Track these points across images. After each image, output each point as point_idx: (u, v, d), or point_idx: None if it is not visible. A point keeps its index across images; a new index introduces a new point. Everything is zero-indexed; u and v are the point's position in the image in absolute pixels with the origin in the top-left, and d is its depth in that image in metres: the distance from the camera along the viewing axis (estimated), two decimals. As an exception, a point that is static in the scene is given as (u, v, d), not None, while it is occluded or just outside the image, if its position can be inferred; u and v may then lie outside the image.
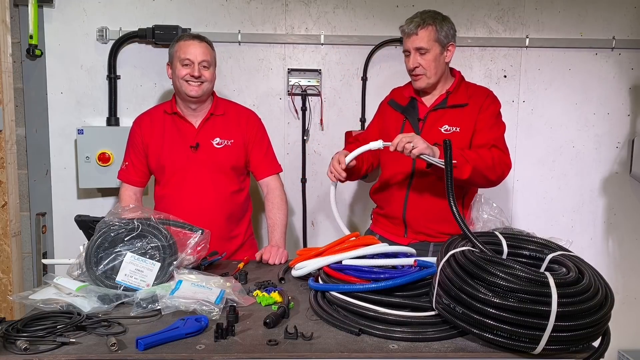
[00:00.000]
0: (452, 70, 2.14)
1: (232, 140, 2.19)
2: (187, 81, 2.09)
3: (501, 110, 2.09)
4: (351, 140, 2.03)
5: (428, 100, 2.11)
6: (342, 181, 2.02)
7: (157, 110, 2.26)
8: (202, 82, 2.10)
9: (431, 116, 2.07)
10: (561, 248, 1.46)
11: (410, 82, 2.15)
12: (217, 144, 2.17)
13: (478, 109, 2.03)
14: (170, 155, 2.16)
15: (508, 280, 1.19)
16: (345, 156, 1.96)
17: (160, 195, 2.23)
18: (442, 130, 2.03)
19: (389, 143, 1.84)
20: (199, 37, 2.14)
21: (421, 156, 1.79)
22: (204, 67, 2.10)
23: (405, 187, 2.09)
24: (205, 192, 2.15)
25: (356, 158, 1.99)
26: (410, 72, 2.06)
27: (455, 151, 1.85)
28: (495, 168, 1.93)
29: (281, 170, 2.33)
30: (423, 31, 1.98)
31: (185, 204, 2.14)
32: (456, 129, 2.03)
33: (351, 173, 2.08)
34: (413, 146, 1.77)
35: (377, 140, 1.89)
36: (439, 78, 2.06)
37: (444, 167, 1.82)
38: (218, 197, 2.17)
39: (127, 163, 2.25)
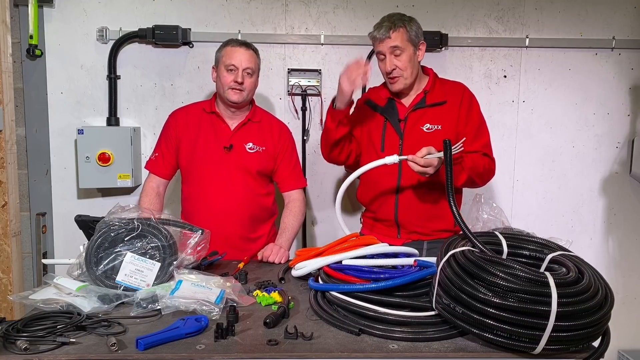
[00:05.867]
0: (424, 68, 2.16)
1: (264, 148, 2.24)
2: (230, 88, 2.13)
3: (481, 106, 2.14)
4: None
5: (406, 101, 2.13)
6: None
7: (195, 107, 2.31)
8: (243, 89, 2.15)
9: (411, 116, 2.09)
10: (561, 248, 1.46)
11: (383, 83, 2.18)
12: (250, 148, 2.22)
13: (458, 104, 2.07)
14: (204, 153, 2.21)
15: (508, 280, 1.19)
16: None
17: (188, 193, 2.27)
18: (424, 129, 2.06)
19: (405, 157, 1.85)
20: (245, 44, 2.19)
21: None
22: (248, 74, 2.15)
23: (394, 189, 2.10)
24: (233, 192, 2.20)
25: (348, 119, 2.07)
26: (388, 74, 2.07)
27: (454, 155, 1.86)
28: (484, 176, 2.03)
29: (306, 185, 2.39)
30: (395, 33, 2.00)
31: (214, 202, 2.19)
32: (438, 127, 2.05)
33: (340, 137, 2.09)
34: (423, 173, 1.84)
35: (391, 155, 1.89)
36: (415, 78, 2.08)
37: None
38: (245, 198, 2.22)
39: (157, 154, 2.28)
